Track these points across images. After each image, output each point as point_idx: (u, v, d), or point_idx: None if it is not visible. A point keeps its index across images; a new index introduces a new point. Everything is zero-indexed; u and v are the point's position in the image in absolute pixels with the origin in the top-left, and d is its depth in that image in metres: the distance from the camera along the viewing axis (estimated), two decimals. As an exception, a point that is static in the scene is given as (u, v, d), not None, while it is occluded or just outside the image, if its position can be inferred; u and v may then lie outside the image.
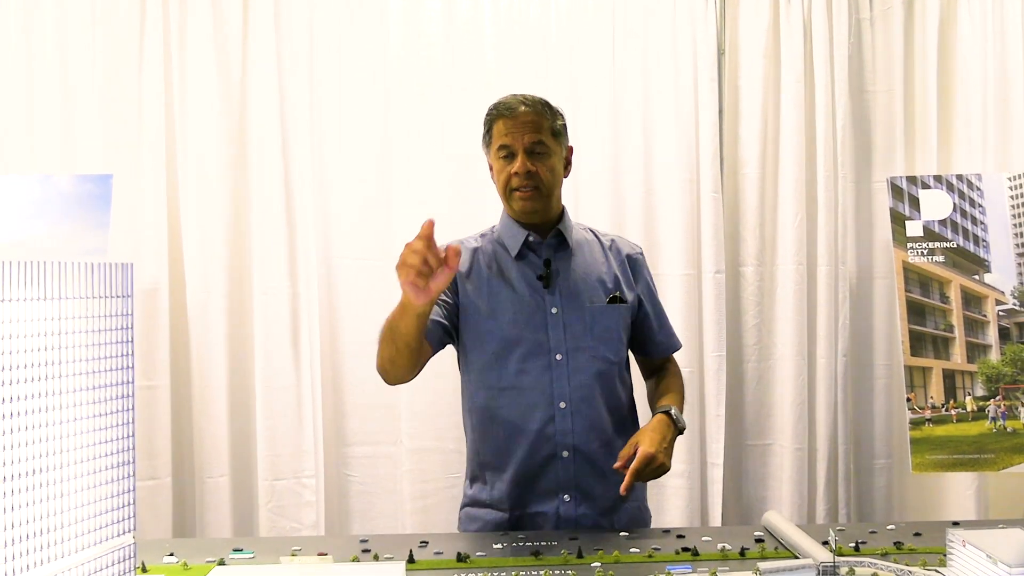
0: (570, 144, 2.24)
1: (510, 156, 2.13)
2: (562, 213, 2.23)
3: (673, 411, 2.11)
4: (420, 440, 3.24)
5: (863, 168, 3.42)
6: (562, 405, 2.11)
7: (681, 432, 2.11)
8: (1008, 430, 2.98)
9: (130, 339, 1.04)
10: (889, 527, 1.99)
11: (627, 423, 2.23)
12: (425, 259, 1.72)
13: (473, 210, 3.25)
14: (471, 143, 3.24)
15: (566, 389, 2.11)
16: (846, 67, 3.33)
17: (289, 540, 1.98)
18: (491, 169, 2.22)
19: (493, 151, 2.18)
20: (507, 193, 2.17)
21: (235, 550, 1.84)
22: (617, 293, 2.18)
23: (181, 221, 3.19)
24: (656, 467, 1.95)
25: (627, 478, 1.92)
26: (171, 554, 1.81)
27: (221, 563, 1.76)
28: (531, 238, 2.19)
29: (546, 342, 2.12)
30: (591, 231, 2.30)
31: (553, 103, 2.21)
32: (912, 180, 3.12)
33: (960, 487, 3.29)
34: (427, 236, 1.73)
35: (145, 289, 3.10)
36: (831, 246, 3.33)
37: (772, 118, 3.36)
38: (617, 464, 1.96)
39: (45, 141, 3.12)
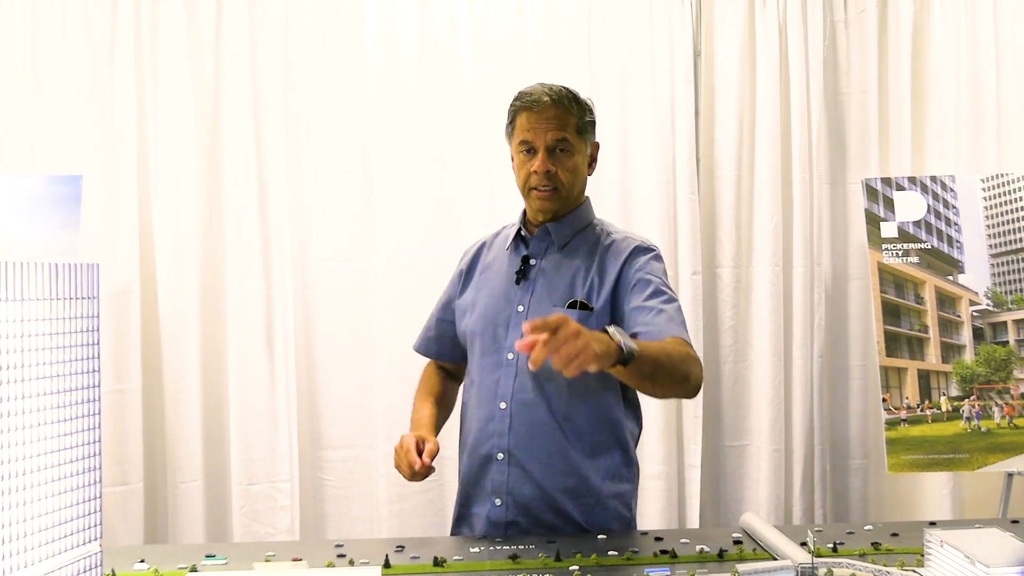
0: (596, 140, 2.12)
1: (531, 152, 2.02)
2: (572, 210, 2.09)
3: (611, 328, 1.69)
4: (395, 443, 3.21)
5: (838, 170, 3.43)
6: (502, 405, 2.02)
7: (622, 354, 1.64)
8: (982, 430, 3.01)
9: (96, 342, 1.01)
10: (866, 528, 1.99)
11: (588, 441, 2.01)
12: (411, 466, 1.96)
13: (451, 210, 3.24)
14: (448, 143, 3.26)
15: (509, 390, 2.02)
16: (821, 69, 3.35)
17: (263, 545, 1.95)
18: (512, 160, 2.11)
19: (515, 144, 2.07)
20: (526, 191, 2.07)
21: (207, 556, 1.81)
22: (580, 298, 2.00)
23: (153, 222, 3.14)
24: (572, 333, 1.51)
25: (528, 327, 1.52)
26: (142, 561, 1.78)
27: (193, 569, 1.73)
28: (523, 232, 2.12)
29: (503, 339, 2.04)
30: (603, 228, 2.13)
31: (582, 95, 2.09)
32: (887, 182, 3.14)
33: (935, 487, 3.31)
34: (413, 449, 1.99)
35: (116, 291, 3.05)
36: (807, 247, 3.34)
37: (748, 120, 3.37)
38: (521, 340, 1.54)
39: (15, 141, 3.06)
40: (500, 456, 2.02)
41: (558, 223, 2.09)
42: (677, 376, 1.82)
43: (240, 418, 3.14)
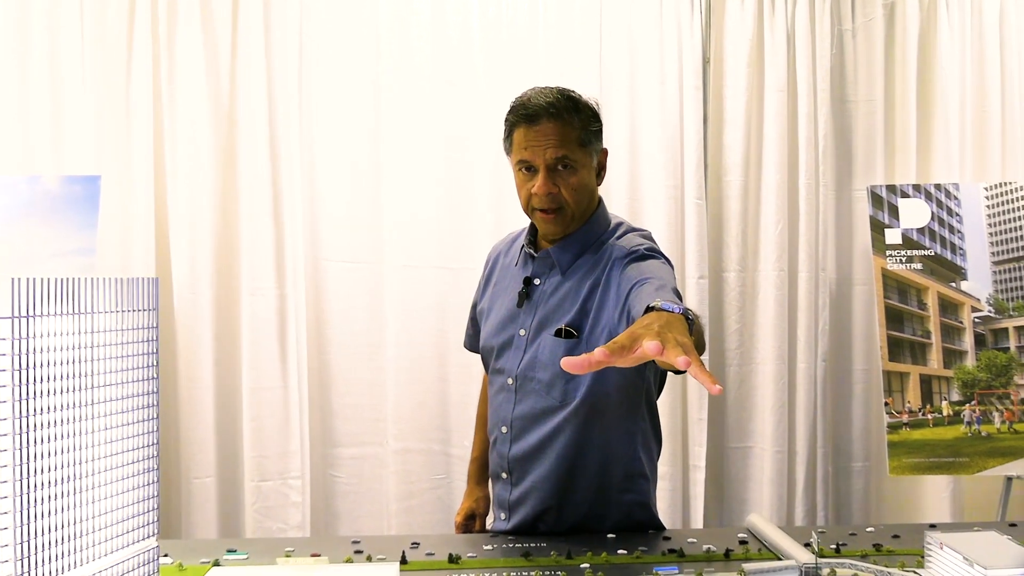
0: (604, 147, 1.99)
1: (531, 170, 1.90)
2: (581, 226, 1.96)
3: (655, 302, 1.40)
4: (405, 441, 3.27)
5: (844, 176, 3.47)
6: (504, 430, 2.03)
7: (688, 319, 1.37)
8: (983, 434, 3.05)
9: (155, 351, 1.07)
10: (868, 529, 2.03)
11: (592, 463, 1.97)
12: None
13: (461, 214, 3.28)
14: (460, 145, 3.29)
15: (509, 414, 2.01)
16: (828, 77, 3.39)
17: (280, 541, 1.99)
18: (514, 176, 1.99)
19: (513, 161, 1.95)
20: (529, 211, 1.95)
21: (229, 551, 1.86)
22: (565, 325, 1.89)
23: (169, 222, 3.19)
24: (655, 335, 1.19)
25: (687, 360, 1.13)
26: (165, 555, 1.82)
27: (216, 564, 1.78)
28: (527, 250, 2.03)
29: (505, 362, 2.02)
30: (612, 235, 1.97)
31: (585, 97, 1.96)
32: (892, 189, 3.18)
33: (936, 490, 3.36)
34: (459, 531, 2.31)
35: (133, 290, 3.08)
36: (812, 253, 3.38)
37: (755, 126, 3.41)
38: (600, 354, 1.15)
39: (33, 142, 3.11)
40: (504, 475, 2.06)
41: (561, 246, 1.98)
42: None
43: (253, 416, 3.18)
